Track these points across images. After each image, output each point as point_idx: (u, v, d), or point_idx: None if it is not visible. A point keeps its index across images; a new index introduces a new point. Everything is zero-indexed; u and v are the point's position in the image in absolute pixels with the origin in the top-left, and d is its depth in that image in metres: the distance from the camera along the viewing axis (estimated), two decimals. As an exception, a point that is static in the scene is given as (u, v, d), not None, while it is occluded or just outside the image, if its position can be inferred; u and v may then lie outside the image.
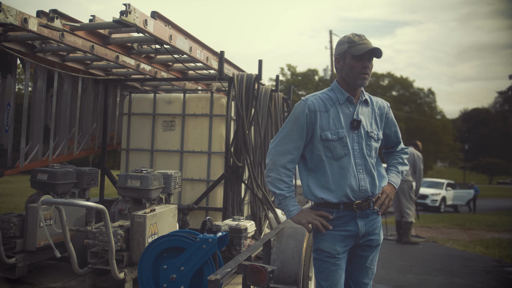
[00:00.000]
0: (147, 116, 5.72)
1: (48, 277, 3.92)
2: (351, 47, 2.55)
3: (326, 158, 2.57)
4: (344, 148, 2.56)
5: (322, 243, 2.62)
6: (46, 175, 4.28)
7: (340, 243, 2.59)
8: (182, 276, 2.96)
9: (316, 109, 2.58)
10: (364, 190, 2.59)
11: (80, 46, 4.45)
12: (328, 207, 2.59)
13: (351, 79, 2.59)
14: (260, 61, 5.72)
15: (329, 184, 2.57)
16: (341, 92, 2.65)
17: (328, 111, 2.59)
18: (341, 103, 2.62)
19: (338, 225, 2.59)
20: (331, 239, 2.59)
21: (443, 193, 21.21)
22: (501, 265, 7.72)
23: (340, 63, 2.63)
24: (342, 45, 2.61)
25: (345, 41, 2.59)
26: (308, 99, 2.63)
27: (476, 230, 12.76)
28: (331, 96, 2.65)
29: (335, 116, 2.59)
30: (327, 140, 2.56)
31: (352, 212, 2.58)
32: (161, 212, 3.85)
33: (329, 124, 2.57)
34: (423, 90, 61.76)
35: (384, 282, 6.21)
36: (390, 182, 2.76)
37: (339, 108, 2.61)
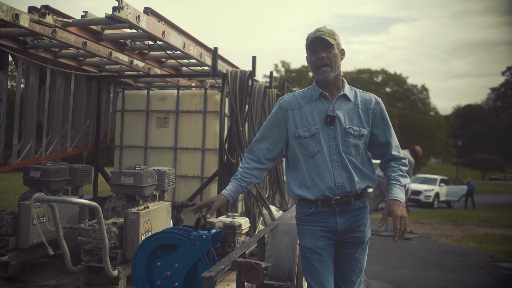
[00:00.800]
0: (140, 113, 5.69)
1: (42, 275, 3.90)
2: (306, 43, 2.57)
3: (301, 155, 2.57)
4: (317, 145, 2.54)
5: (303, 239, 2.63)
6: (39, 173, 4.26)
7: (321, 238, 2.58)
8: (176, 273, 2.95)
9: (288, 107, 2.61)
10: (340, 186, 2.53)
11: (72, 43, 4.42)
12: (307, 203, 2.60)
13: (315, 73, 2.59)
14: (254, 58, 5.70)
15: (305, 181, 2.57)
16: (315, 89, 2.63)
17: (301, 108, 2.59)
18: (314, 100, 2.60)
19: (317, 220, 2.58)
20: (311, 234, 2.59)
21: (436, 189, 21.32)
22: (494, 260, 7.78)
23: (307, 61, 2.64)
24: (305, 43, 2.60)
25: (306, 39, 2.58)
26: (282, 98, 2.67)
27: (469, 226, 12.85)
28: (307, 93, 2.65)
29: (309, 113, 2.58)
30: (300, 137, 2.56)
31: (331, 208, 2.56)
32: (155, 209, 3.84)
33: (302, 121, 2.57)
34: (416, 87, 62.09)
35: (378, 277, 6.23)
36: (395, 198, 2.45)
37: (313, 104, 2.59)
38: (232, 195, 2.68)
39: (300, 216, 2.66)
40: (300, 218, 2.66)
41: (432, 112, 62.97)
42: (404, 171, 2.62)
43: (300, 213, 2.66)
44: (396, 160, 2.65)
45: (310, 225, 2.59)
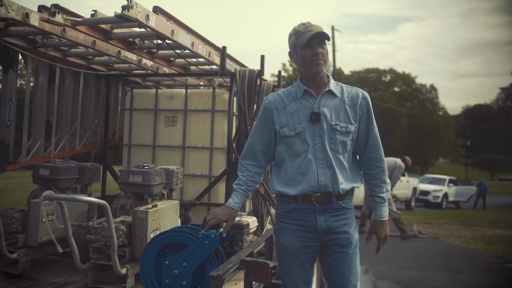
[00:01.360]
0: (149, 112, 5.71)
1: (50, 272, 3.92)
2: (297, 38, 2.49)
3: (287, 155, 2.54)
4: (303, 144, 2.50)
5: (281, 238, 2.57)
6: (48, 171, 4.28)
7: (299, 238, 2.51)
8: (184, 272, 2.96)
9: (272, 107, 2.58)
10: (323, 185, 2.47)
11: (81, 41, 4.44)
12: (287, 198, 2.55)
13: (306, 69, 2.51)
14: (262, 57, 5.69)
15: (289, 180, 2.54)
16: (299, 86, 2.58)
17: (286, 107, 2.55)
18: (299, 97, 2.55)
19: (297, 218, 2.52)
20: (289, 233, 2.53)
21: (445, 190, 21.18)
22: (503, 262, 7.71)
23: (294, 57, 2.58)
24: (290, 38, 2.55)
25: (292, 34, 2.53)
26: (267, 98, 2.63)
27: (478, 227, 12.75)
28: (291, 91, 2.61)
29: (293, 111, 2.53)
30: (285, 136, 2.52)
31: (310, 205, 2.49)
32: (163, 207, 3.85)
33: (287, 120, 2.53)
34: (425, 86, 61.79)
35: (386, 278, 6.20)
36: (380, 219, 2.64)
37: (298, 102, 2.54)
38: (239, 206, 2.72)
39: (280, 212, 2.61)
40: (280, 214, 2.61)
41: (441, 112, 62.69)
42: (384, 180, 2.65)
43: (280, 209, 2.61)
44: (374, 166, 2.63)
45: (290, 223, 2.54)
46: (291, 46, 2.57)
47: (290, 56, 2.62)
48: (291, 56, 2.61)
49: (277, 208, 2.65)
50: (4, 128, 4.70)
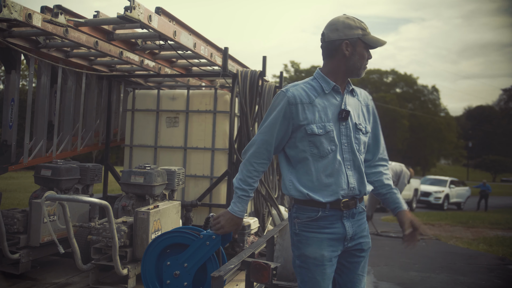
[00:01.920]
0: (150, 112, 5.71)
1: (52, 273, 3.94)
2: (365, 35, 2.30)
3: (311, 155, 2.29)
4: (331, 143, 2.29)
5: (307, 248, 2.30)
6: (50, 171, 4.29)
7: (328, 248, 2.29)
8: (185, 273, 2.96)
9: (298, 101, 2.29)
10: (353, 188, 2.33)
11: (84, 42, 4.45)
12: (313, 206, 2.30)
13: (356, 69, 2.34)
14: (264, 58, 5.70)
15: (312, 183, 2.30)
16: (325, 81, 2.35)
17: (313, 102, 2.30)
18: (326, 93, 2.33)
19: (324, 226, 2.29)
20: (317, 243, 2.28)
21: (446, 191, 21.14)
22: (504, 263, 7.70)
23: (349, 50, 2.30)
24: (353, 29, 2.30)
25: (356, 26, 2.30)
26: (288, 90, 2.31)
27: (479, 228, 12.73)
28: (315, 86, 2.35)
29: (321, 108, 2.30)
30: (313, 134, 2.28)
31: (338, 211, 2.30)
32: (164, 208, 3.85)
33: (315, 117, 2.28)
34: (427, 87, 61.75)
35: (387, 279, 6.20)
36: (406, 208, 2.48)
37: (324, 98, 2.32)
38: (244, 213, 2.51)
39: (303, 221, 2.32)
40: (303, 223, 2.32)
41: (442, 113, 62.66)
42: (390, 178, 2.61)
43: (303, 217, 2.32)
44: (384, 165, 2.58)
45: (317, 232, 2.29)
46: (352, 38, 2.29)
47: (343, 46, 2.30)
48: (345, 46, 2.29)
49: (296, 216, 2.36)
50: (6, 128, 4.72)
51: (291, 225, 2.40)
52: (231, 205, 2.45)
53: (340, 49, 2.30)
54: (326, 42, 2.34)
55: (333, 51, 2.33)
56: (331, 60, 2.35)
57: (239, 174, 2.42)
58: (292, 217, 2.38)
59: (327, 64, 2.38)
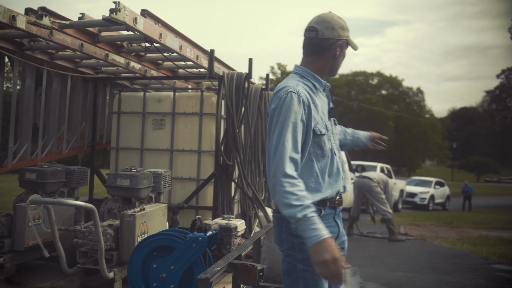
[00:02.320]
0: (136, 115, 5.69)
1: (37, 277, 3.90)
2: (350, 38, 2.33)
3: (315, 156, 2.22)
4: (329, 142, 2.27)
5: None
6: (34, 174, 4.25)
7: None
8: (172, 275, 2.96)
9: (310, 101, 2.18)
10: (343, 186, 2.35)
11: (69, 44, 4.43)
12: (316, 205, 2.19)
13: (337, 69, 2.36)
14: (250, 60, 5.72)
15: (316, 184, 2.22)
16: (316, 79, 2.29)
17: (315, 101, 2.22)
18: (319, 91, 2.30)
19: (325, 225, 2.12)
20: None
21: (431, 191, 21.36)
22: (488, 263, 7.81)
23: (338, 51, 2.28)
24: (345, 31, 2.29)
25: (346, 28, 2.31)
26: (299, 92, 2.16)
27: (464, 228, 12.89)
28: (308, 84, 2.26)
29: (320, 107, 2.25)
30: (320, 135, 2.20)
31: (333, 209, 2.27)
32: (151, 211, 3.84)
33: (319, 117, 2.22)
34: (412, 89, 62.30)
35: (373, 280, 6.25)
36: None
37: (318, 96, 2.27)
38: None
39: None
40: None
41: (427, 115, 63.23)
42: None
43: None
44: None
45: None
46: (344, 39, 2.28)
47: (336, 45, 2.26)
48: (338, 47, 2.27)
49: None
50: (-10, 131, 4.67)
51: (288, 227, 2.17)
52: (307, 234, 1.99)
53: (332, 49, 2.27)
54: (319, 38, 2.27)
55: (324, 49, 2.28)
56: (319, 57, 2.30)
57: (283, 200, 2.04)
58: None
59: (313, 61, 2.31)
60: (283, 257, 2.25)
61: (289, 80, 2.27)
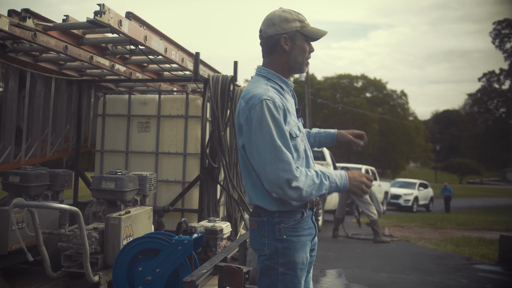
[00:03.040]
0: (121, 117, 5.67)
1: (21, 282, 3.86)
2: (303, 27, 2.19)
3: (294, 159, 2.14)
4: (303, 143, 2.22)
5: (296, 254, 2.15)
6: (18, 178, 4.21)
7: (308, 249, 2.22)
8: (157, 278, 2.96)
9: (284, 106, 2.11)
10: None
11: (53, 46, 4.39)
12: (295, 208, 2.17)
13: (298, 64, 2.23)
14: (236, 63, 5.74)
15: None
16: (283, 80, 2.22)
17: (286, 105, 2.13)
18: (286, 92, 2.23)
19: (305, 227, 2.20)
20: (302, 246, 2.18)
21: (415, 193, 21.61)
22: (470, 263, 7.92)
23: (288, 44, 2.17)
24: (290, 22, 2.17)
25: (294, 18, 2.18)
26: (273, 98, 2.07)
27: (447, 229, 13.05)
28: (275, 87, 2.18)
29: (291, 109, 2.18)
30: (296, 137, 2.16)
31: (310, 210, 2.24)
32: (136, 214, 3.83)
33: (291, 119, 2.16)
34: (396, 92, 62.91)
35: (358, 281, 6.29)
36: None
37: (286, 98, 2.19)
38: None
39: (290, 225, 2.16)
40: (290, 227, 2.16)
41: (411, 117, 63.94)
42: None
43: (290, 221, 2.16)
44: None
45: (302, 235, 2.18)
46: (290, 31, 2.17)
47: (282, 41, 2.17)
48: (284, 41, 2.17)
49: (281, 221, 2.15)
50: (-28, 134, 4.61)
51: (270, 232, 2.16)
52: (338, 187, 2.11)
53: (279, 44, 2.18)
54: (264, 38, 2.22)
55: (272, 47, 2.20)
56: (272, 56, 2.22)
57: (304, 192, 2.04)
58: (273, 223, 2.15)
59: (270, 62, 2.23)
60: (261, 259, 2.22)
61: (256, 84, 2.17)
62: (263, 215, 2.18)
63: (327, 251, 8.28)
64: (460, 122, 72.26)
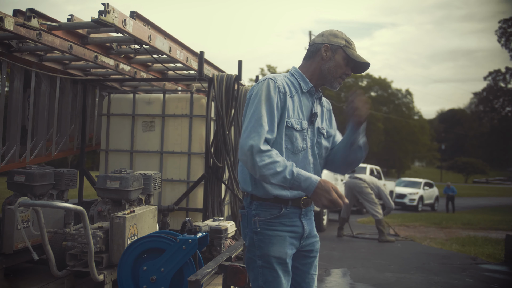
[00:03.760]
0: (126, 117, 5.68)
1: (26, 280, 3.87)
2: (348, 47, 2.35)
3: (285, 149, 2.25)
4: (303, 141, 2.30)
5: (271, 248, 2.23)
6: (23, 177, 4.23)
7: (289, 246, 2.27)
8: (162, 277, 2.96)
9: (286, 91, 2.25)
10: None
11: (58, 46, 4.40)
12: (275, 202, 2.25)
13: (331, 77, 2.36)
14: (240, 62, 5.73)
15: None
16: (304, 80, 2.36)
17: (293, 97, 2.28)
18: (304, 92, 2.34)
19: (286, 223, 2.26)
20: (280, 241, 2.24)
21: (420, 192, 21.52)
22: (476, 262, 7.88)
23: (327, 53, 2.34)
24: (337, 38, 2.36)
25: (342, 37, 2.36)
26: (276, 79, 2.25)
27: (452, 229, 13.00)
28: (293, 82, 2.34)
29: (299, 105, 2.30)
30: (292, 128, 2.25)
31: (298, 209, 2.29)
32: (141, 213, 3.84)
33: (294, 112, 2.27)
34: (401, 91, 62.65)
35: (363, 280, 6.28)
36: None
37: (301, 97, 2.33)
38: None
39: (266, 218, 2.25)
40: (265, 221, 2.25)
41: (416, 116, 63.66)
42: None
43: (266, 215, 2.25)
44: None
45: (280, 230, 2.25)
46: (334, 44, 2.33)
47: (323, 49, 2.34)
48: (324, 49, 2.34)
49: (257, 214, 2.26)
50: (-22, 133, 4.63)
51: (249, 223, 2.28)
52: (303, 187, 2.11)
53: (319, 51, 2.35)
54: (310, 45, 2.42)
55: (313, 53, 2.39)
56: (309, 61, 2.40)
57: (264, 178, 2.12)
58: (251, 215, 2.27)
59: (305, 65, 2.42)
60: (245, 252, 2.33)
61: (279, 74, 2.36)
62: (246, 207, 2.31)
63: (332, 250, 8.27)
64: (466, 121, 71.91)
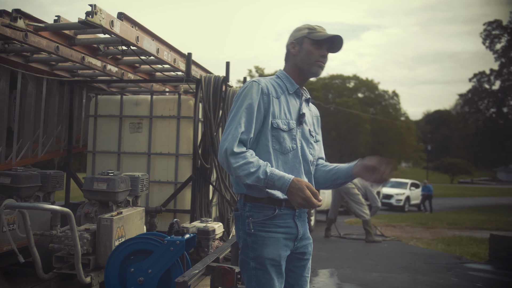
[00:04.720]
0: (113, 118, 5.66)
1: (12, 283, 3.84)
2: (311, 33, 2.37)
3: (273, 150, 2.26)
4: (292, 141, 2.30)
5: (264, 249, 2.22)
6: (9, 179, 4.19)
7: (283, 248, 2.26)
8: (149, 279, 2.96)
9: (270, 92, 2.28)
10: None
11: (44, 47, 4.38)
12: (269, 203, 2.24)
13: (307, 65, 2.37)
14: (228, 63, 5.74)
15: None
16: (290, 81, 2.41)
17: (279, 98, 2.32)
18: (290, 93, 2.38)
19: (280, 225, 2.25)
20: (274, 243, 2.23)
21: (407, 193, 21.70)
22: (461, 262, 7.98)
23: (295, 48, 2.39)
24: (300, 31, 2.41)
25: (304, 28, 2.41)
26: (260, 81, 2.30)
27: (438, 228, 13.13)
28: (279, 83, 2.38)
29: (285, 105, 2.33)
30: (278, 129, 2.26)
31: (292, 210, 2.28)
32: (128, 214, 3.83)
33: (280, 113, 2.29)
34: (387, 92, 63.19)
35: (350, 281, 6.32)
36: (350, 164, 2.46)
37: (288, 97, 2.36)
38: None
39: (259, 220, 2.23)
40: (259, 222, 2.23)
41: (402, 117, 64.21)
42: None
43: (259, 216, 2.24)
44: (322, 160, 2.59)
45: (274, 232, 2.24)
46: (298, 38, 2.39)
47: (290, 46, 2.42)
48: (292, 46, 2.41)
49: (250, 215, 2.25)
50: (-38, 135, 4.58)
51: (243, 225, 2.27)
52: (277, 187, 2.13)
53: (290, 51, 2.45)
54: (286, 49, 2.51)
55: (287, 54, 2.48)
56: (287, 62, 2.49)
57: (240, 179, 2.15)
58: (244, 217, 2.26)
59: (286, 67, 2.49)
60: (239, 253, 2.32)
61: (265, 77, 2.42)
62: (240, 209, 2.31)
63: (320, 251, 8.31)
64: (451, 122, 72.79)
